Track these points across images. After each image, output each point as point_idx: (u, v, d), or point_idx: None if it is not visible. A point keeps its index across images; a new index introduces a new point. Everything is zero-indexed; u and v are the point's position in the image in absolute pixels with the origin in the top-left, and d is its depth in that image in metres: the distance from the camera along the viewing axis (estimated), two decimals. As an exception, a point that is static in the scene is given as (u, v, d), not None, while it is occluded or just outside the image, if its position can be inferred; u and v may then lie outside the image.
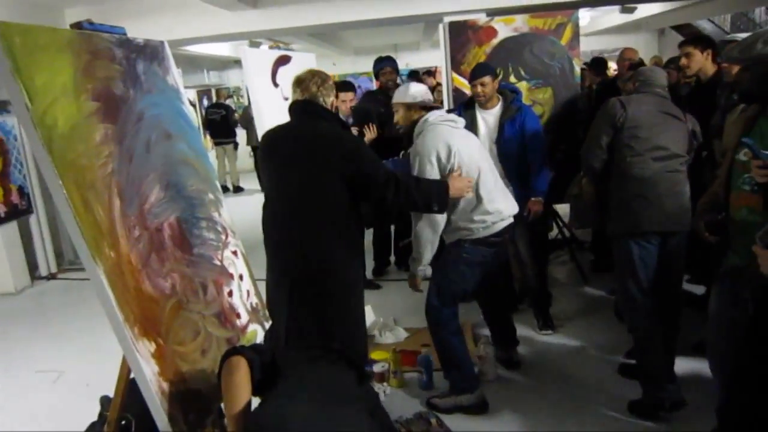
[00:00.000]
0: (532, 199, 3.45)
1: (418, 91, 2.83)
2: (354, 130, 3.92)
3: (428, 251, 2.71)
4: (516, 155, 3.44)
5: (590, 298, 4.17)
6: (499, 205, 2.76)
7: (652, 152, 2.60)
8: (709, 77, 3.42)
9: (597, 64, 5.60)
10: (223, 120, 9.69)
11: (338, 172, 2.32)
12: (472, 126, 3.47)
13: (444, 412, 2.80)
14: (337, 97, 4.11)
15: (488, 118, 3.51)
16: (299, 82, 2.49)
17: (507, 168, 3.41)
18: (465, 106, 3.61)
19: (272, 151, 2.51)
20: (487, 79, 3.40)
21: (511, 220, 2.85)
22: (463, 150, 2.67)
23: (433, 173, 2.62)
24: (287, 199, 2.41)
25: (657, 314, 2.68)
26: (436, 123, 2.73)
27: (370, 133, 4.00)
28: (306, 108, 2.46)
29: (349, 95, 4.17)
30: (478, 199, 2.70)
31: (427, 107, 2.82)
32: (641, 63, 4.67)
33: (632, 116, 2.62)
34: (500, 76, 3.65)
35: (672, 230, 2.61)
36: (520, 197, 3.41)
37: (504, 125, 3.44)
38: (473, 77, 3.45)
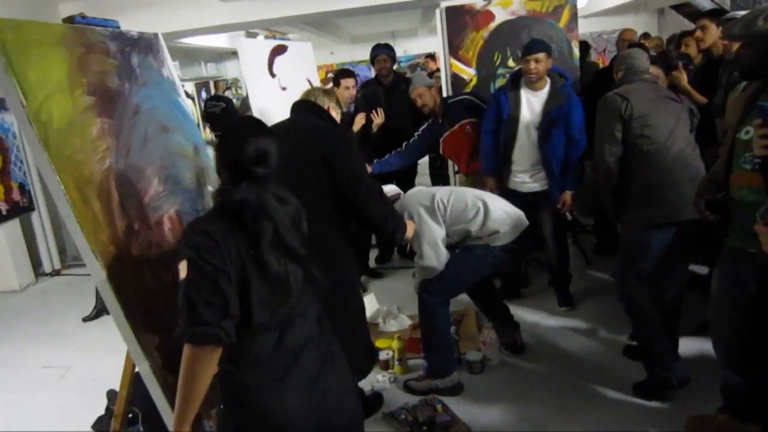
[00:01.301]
0: (567, 192, 3.41)
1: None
2: (361, 117, 3.90)
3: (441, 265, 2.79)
4: (556, 144, 3.34)
5: (593, 281, 4.16)
6: (508, 210, 2.87)
7: (668, 138, 2.57)
8: (721, 53, 3.41)
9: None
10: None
11: (323, 163, 2.32)
12: (515, 107, 3.39)
13: (420, 394, 2.87)
14: (338, 84, 4.14)
15: (533, 101, 3.38)
16: (303, 93, 2.63)
17: (544, 156, 3.37)
18: (511, 84, 3.45)
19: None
20: (542, 55, 3.27)
21: (527, 223, 2.90)
22: (441, 190, 2.85)
23: (429, 219, 2.74)
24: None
25: (651, 298, 2.68)
26: (407, 196, 2.88)
27: (378, 118, 3.99)
28: (302, 104, 2.54)
29: (350, 81, 4.15)
30: (485, 207, 2.77)
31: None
32: (641, 45, 4.63)
33: (638, 106, 2.57)
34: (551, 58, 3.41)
35: (691, 218, 2.58)
36: (553, 186, 3.41)
37: (549, 113, 3.32)
38: (527, 52, 3.30)
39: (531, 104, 3.39)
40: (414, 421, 2.67)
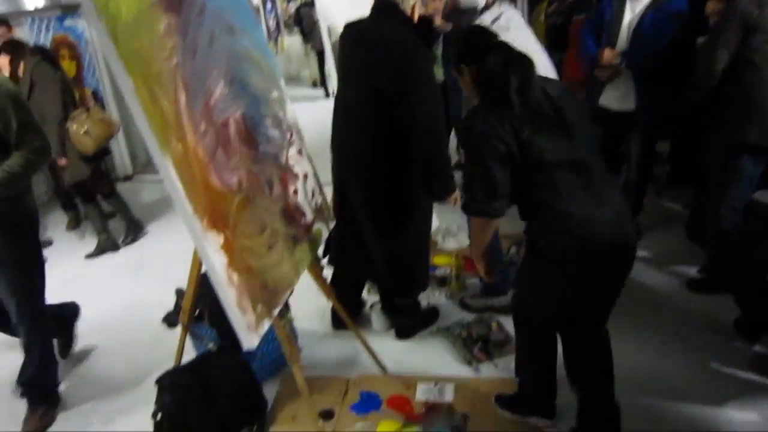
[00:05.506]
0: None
1: None
2: None
3: None
4: (649, 49, 3.02)
5: (664, 211, 3.98)
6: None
7: None
8: None
9: None
10: None
11: (390, 80, 2.31)
12: (618, 12, 3.15)
13: (475, 312, 2.90)
14: None
15: (636, 8, 3.10)
16: None
17: (633, 63, 3.08)
18: None
19: (345, 47, 2.56)
20: None
21: None
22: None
23: None
24: (347, 101, 2.51)
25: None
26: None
27: None
28: (382, 7, 2.42)
29: None
30: None
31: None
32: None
33: (767, 19, 2.34)
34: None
35: None
36: (642, 100, 3.14)
37: (647, 14, 3.03)
38: None
39: (634, 10, 3.12)
40: (468, 337, 2.69)
